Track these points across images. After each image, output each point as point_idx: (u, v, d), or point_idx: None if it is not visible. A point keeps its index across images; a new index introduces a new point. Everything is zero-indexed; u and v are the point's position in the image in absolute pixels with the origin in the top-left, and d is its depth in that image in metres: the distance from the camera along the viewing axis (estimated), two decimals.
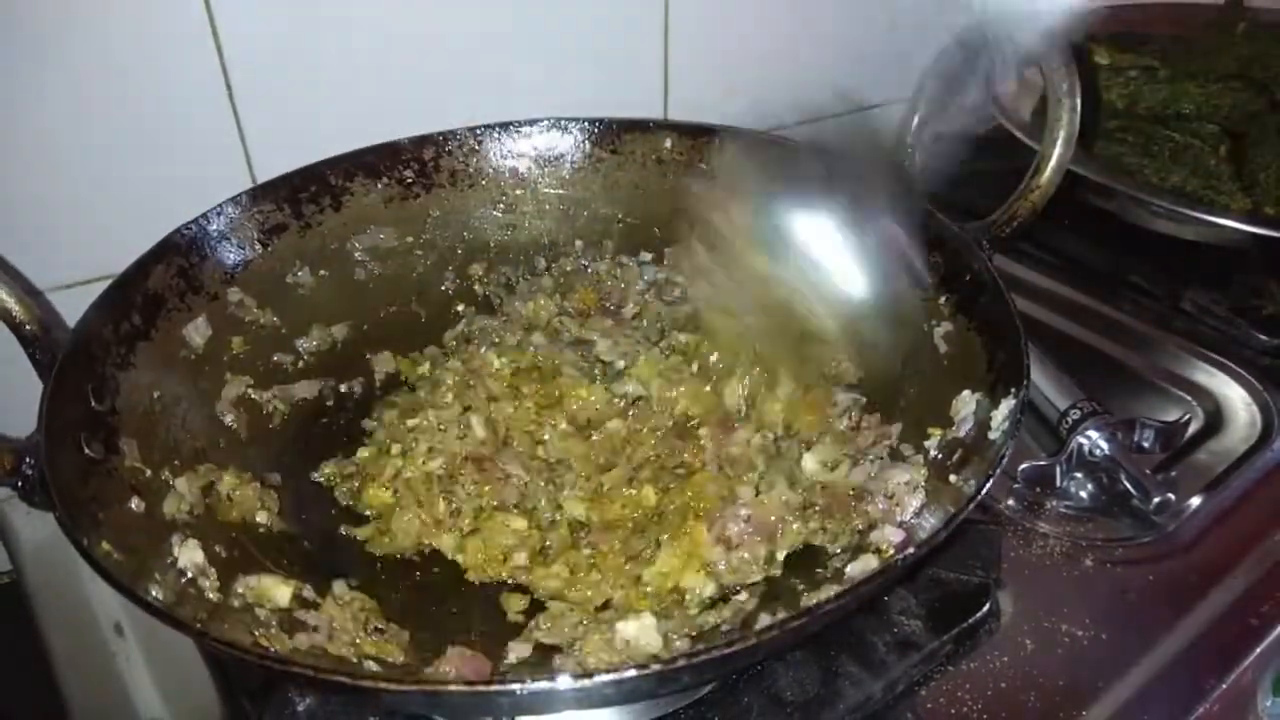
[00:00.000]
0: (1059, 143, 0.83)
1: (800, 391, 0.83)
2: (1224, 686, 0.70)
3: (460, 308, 0.96)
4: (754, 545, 0.72)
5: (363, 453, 0.83)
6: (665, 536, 0.74)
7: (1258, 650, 0.73)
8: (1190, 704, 0.69)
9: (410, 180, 0.95)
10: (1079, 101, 0.83)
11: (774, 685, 0.69)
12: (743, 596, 0.69)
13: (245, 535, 0.73)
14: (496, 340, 0.91)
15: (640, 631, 0.63)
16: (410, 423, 0.83)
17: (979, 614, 0.74)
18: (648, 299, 0.96)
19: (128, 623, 0.78)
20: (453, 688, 0.50)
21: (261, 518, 0.75)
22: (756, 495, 0.75)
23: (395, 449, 0.82)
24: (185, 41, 0.87)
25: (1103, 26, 1.38)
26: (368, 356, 0.91)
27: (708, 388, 0.85)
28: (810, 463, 0.78)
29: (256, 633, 0.62)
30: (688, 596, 0.70)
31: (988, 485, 0.60)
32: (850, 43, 1.25)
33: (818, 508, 0.74)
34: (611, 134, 0.97)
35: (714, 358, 0.86)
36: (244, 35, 0.89)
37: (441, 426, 0.82)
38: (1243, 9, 1.41)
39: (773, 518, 0.72)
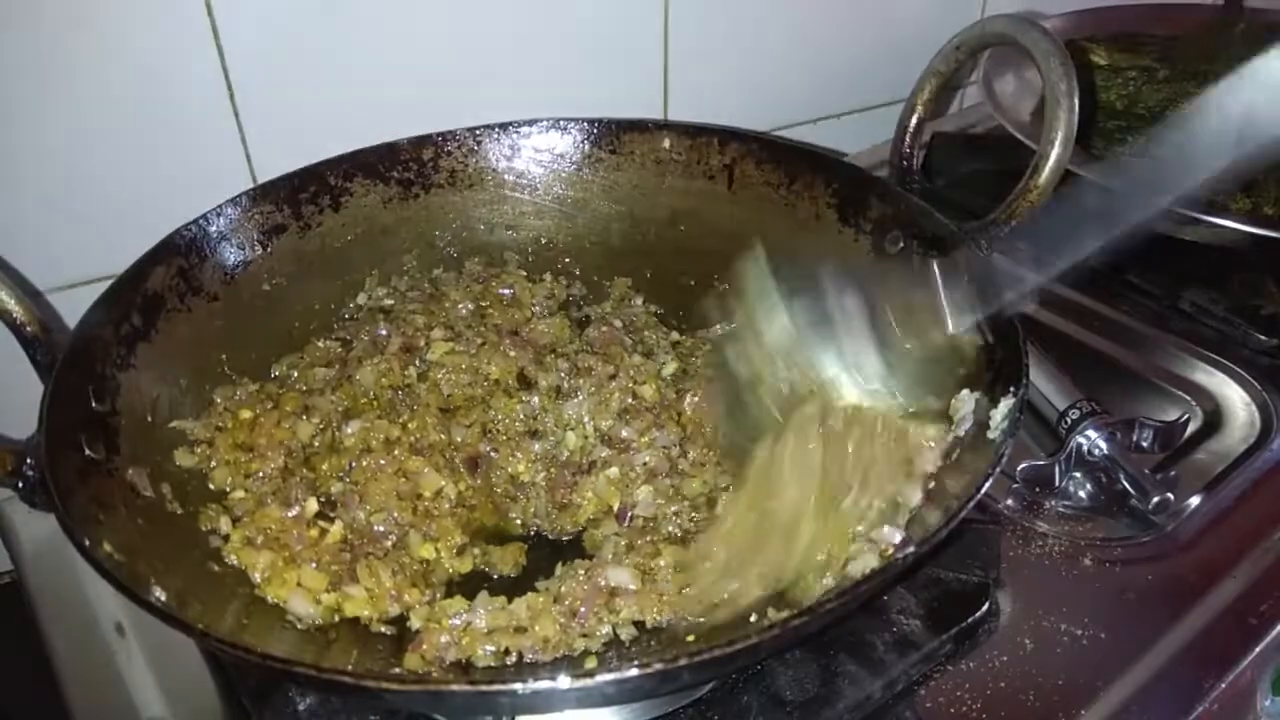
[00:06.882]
0: (1057, 143, 0.83)
1: None
2: (1223, 686, 0.70)
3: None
4: None
5: None
6: None
7: (1257, 649, 0.73)
8: (1189, 703, 0.69)
9: (409, 180, 0.95)
10: (1077, 102, 0.83)
11: (773, 684, 0.69)
12: None
13: None
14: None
15: None
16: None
17: (978, 613, 0.74)
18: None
19: (128, 622, 0.77)
20: (455, 687, 0.50)
21: None
22: None
23: None
24: (186, 42, 0.87)
25: (1101, 27, 1.38)
26: None
27: None
28: None
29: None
30: None
31: (987, 484, 0.60)
32: (850, 43, 1.25)
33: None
34: (610, 134, 0.97)
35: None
36: (245, 36, 0.89)
37: None
38: (1242, 9, 1.41)
39: None
